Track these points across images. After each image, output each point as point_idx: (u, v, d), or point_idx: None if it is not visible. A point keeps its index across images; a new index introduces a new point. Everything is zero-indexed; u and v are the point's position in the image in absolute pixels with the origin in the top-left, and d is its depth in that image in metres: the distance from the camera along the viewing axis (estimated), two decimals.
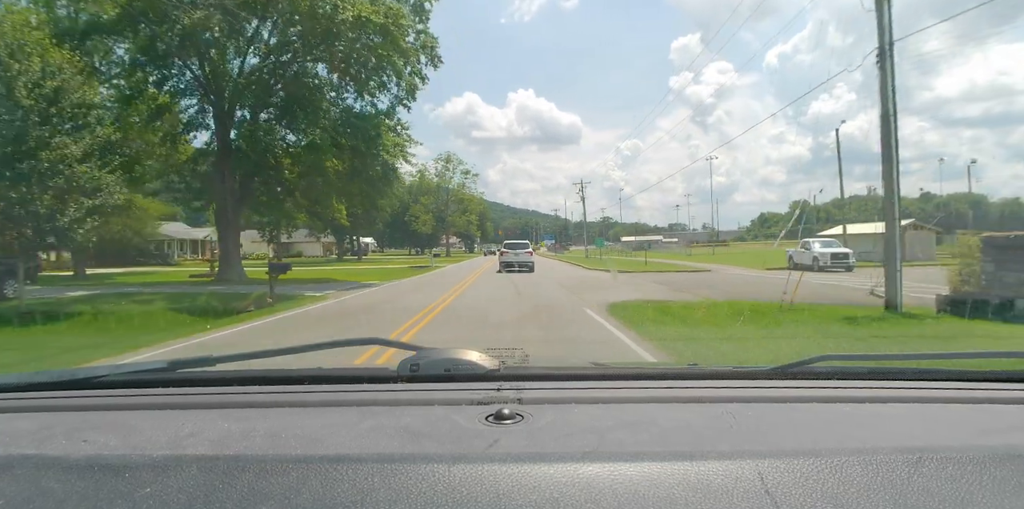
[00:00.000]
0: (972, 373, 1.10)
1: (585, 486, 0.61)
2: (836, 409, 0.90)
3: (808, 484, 0.61)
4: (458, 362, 1.06)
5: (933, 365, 1.19)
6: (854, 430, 0.79)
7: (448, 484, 0.62)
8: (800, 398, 0.94)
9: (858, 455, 0.66)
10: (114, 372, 1.09)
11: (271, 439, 0.75)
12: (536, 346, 6.75)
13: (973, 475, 0.63)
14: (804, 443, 0.73)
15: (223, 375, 1.15)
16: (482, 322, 9.56)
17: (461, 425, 0.80)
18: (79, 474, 0.66)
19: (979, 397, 0.96)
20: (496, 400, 0.91)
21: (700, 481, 0.62)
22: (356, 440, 0.75)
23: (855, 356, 2.19)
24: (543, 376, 1.09)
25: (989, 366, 1.16)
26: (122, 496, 0.62)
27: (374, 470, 0.64)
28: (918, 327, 8.31)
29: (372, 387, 1.05)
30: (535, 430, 0.78)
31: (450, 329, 8.80)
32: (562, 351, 6.66)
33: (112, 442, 0.76)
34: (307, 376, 1.10)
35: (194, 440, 0.76)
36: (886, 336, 7.49)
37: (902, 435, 0.77)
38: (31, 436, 0.79)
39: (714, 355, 6.32)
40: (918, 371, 1.12)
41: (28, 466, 0.68)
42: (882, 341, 7.10)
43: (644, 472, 0.64)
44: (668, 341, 7.12)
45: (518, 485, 0.61)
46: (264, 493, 0.61)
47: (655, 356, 6.42)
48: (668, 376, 1.09)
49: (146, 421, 0.86)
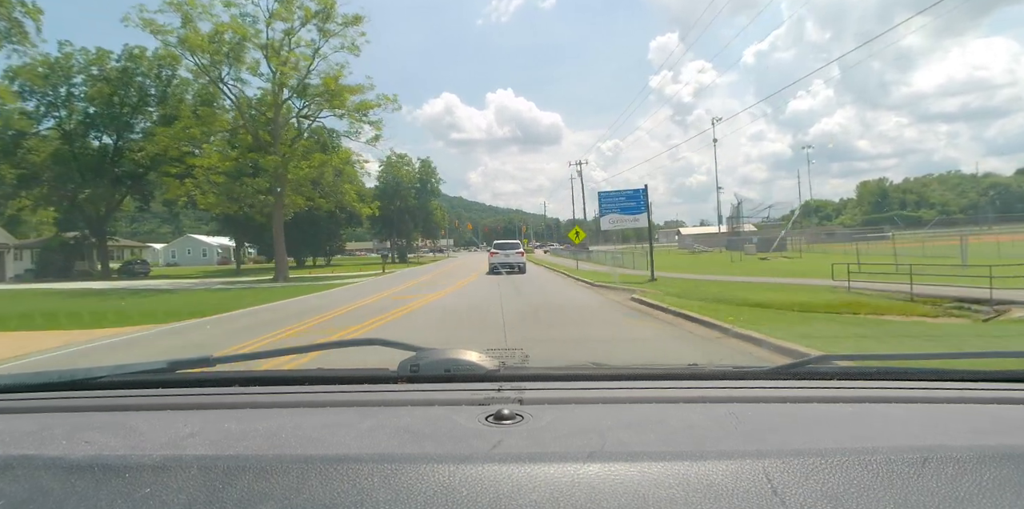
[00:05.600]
0: (976, 373, 1.10)
1: (587, 487, 0.61)
2: (839, 409, 0.90)
3: (815, 484, 0.61)
4: (458, 362, 1.06)
5: (936, 365, 1.18)
6: (858, 430, 0.79)
7: (448, 484, 0.61)
8: (803, 398, 0.94)
9: (863, 455, 0.66)
10: (114, 373, 1.09)
11: (271, 439, 0.75)
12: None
13: (977, 475, 0.62)
14: (809, 443, 0.73)
15: (223, 375, 1.15)
16: None
17: (461, 425, 0.80)
18: (79, 474, 0.66)
19: (984, 397, 0.95)
20: (496, 400, 0.90)
21: (704, 481, 0.61)
22: (356, 440, 0.75)
23: (856, 356, 2.13)
24: (543, 376, 1.08)
25: (994, 366, 1.15)
26: (122, 496, 0.62)
27: (374, 470, 0.64)
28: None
29: (372, 387, 1.04)
30: (536, 430, 0.77)
31: None
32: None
33: (112, 442, 0.76)
34: (307, 376, 1.11)
35: (194, 440, 0.76)
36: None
37: (906, 435, 0.77)
38: (31, 436, 0.79)
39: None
40: (920, 371, 1.11)
41: (28, 466, 0.68)
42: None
43: (647, 472, 0.63)
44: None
45: (519, 485, 0.61)
46: (264, 493, 0.61)
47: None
48: (669, 376, 1.09)
49: (146, 421, 0.85)
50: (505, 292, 14.70)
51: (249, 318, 11.59)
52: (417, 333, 8.33)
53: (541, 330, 8.28)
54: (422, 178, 63.69)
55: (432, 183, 65.19)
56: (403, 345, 1.15)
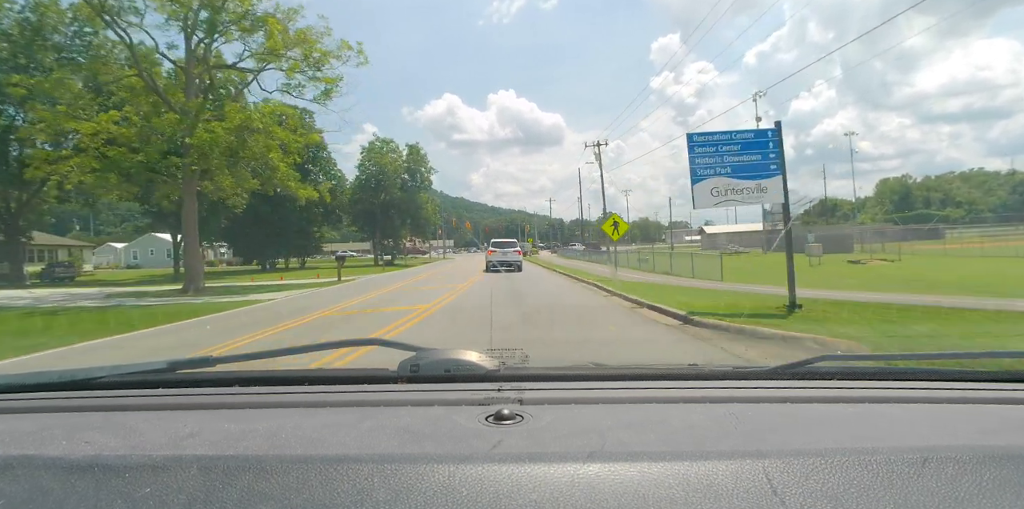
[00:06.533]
0: (976, 373, 1.09)
1: (587, 487, 0.61)
2: (839, 409, 0.89)
3: (815, 484, 0.61)
4: (458, 363, 1.05)
5: (936, 365, 1.17)
6: (858, 430, 0.79)
7: (448, 484, 0.61)
8: (803, 398, 0.93)
9: (863, 455, 0.66)
10: (113, 373, 1.09)
11: (271, 439, 0.75)
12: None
13: (978, 475, 0.62)
14: (809, 443, 0.72)
15: (223, 376, 1.14)
16: None
17: (461, 425, 0.79)
18: (79, 474, 0.66)
19: (984, 397, 0.95)
20: (496, 400, 0.90)
21: (704, 481, 0.61)
22: (356, 440, 0.75)
23: (856, 356, 2.19)
24: (543, 376, 1.08)
25: (994, 366, 1.14)
26: (122, 496, 0.62)
27: (374, 470, 0.64)
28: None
29: (372, 387, 1.04)
30: (536, 430, 0.77)
31: None
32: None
33: (112, 442, 0.76)
34: (307, 376, 1.10)
35: (194, 440, 0.75)
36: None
37: (906, 435, 0.76)
38: (31, 436, 0.79)
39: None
40: (920, 371, 1.11)
41: (28, 466, 0.68)
42: None
43: (647, 472, 0.63)
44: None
45: (519, 485, 0.61)
46: (264, 493, 0.61)
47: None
48: (669, 376, 1.08)
49: (146, 422, 0.85)
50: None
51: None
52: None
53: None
54: (410, 167, 53.63)
55: (422, 172, 54.69)
56: (403, 345, 1.15)
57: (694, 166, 8.96)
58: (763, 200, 9.21)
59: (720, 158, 8.94)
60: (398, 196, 51.28)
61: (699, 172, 8.94)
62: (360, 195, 50.50)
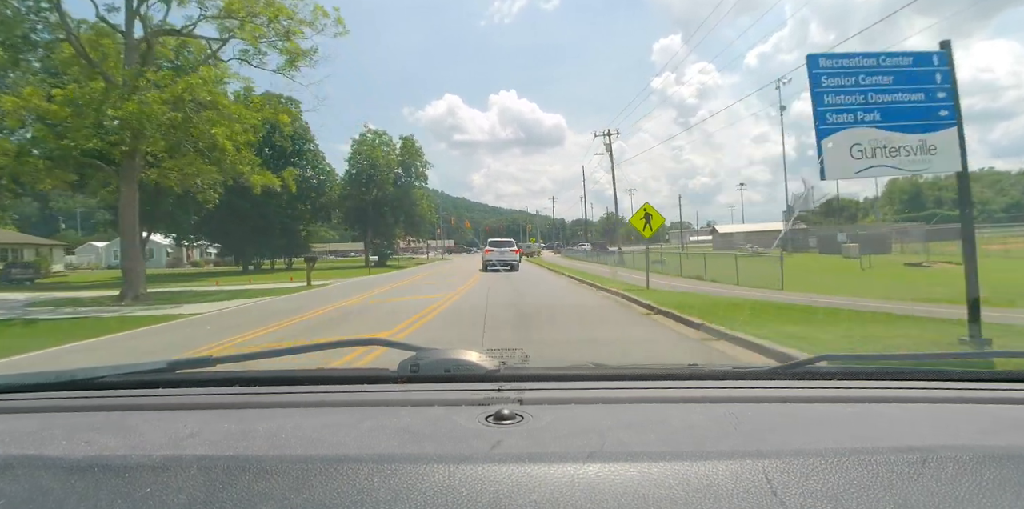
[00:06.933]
0: (976, 373, 1.08)
1: (587, 487, 0.61)
2: (839, 409, 0.89)
3: (814, 485, 0.61)
4: (458, 363, 1.04)
5: (936, 365, 1.16)
6: (858, 430, 0.78)
7: (448, 485, 0.61)
8: (802, 398, 0.93)
9: (863, 455, 0.66)
10: (114, 373, 1.08)
11: (271, 439, 0.75)
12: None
13: (977, 475, 0.62)
14: (809, 443, 0.72)
15: (223, 376, 1.14)
16: None
17: (461, 425, 0.79)
18: (79, 474, 0.66)
19: (984, 397, 0.94)
20: (496, 400, 0.90)
21: (704, 481, 0.61)
22: (356, 440, 0.74)
23: (855, 356, 2.14)
24: (543, 376, 1.07)
25: (994, 366, 1.11)
26: (122, 496, 0.62)
27: (374, 470, 0.64)
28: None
29: (372, 388, 1.03)
30: (536, 430, 0.77)
31: None
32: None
33: (112, 442, 0.75)
34: (307, 376, 1.10)
35: (194, 440, 0.75)
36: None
37: (906, 435, 0.76)
38: (31, 436, 0.78)
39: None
40: (920, 371, 1.10)
41: (28, 466, 0.68)
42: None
43: (647, 472, 0.63)
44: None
45: (519, 485, 0.61)
46: (264, 493, 0.61)
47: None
48: (669, 376, 1.07)
49: (146, 421, 0.85)
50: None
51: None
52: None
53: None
54: (404, 161, 48.53)
55: (417, 167, 49.50)
56: (403, 345, 1.14)
57: (821, 108, 5.28)
58: (929, 168, 5.40)
59: (864, 96, 5.30)
60: (391, 192, 46.89)
61: (829, 117, 5.26)
62: (350, 191, 46.48)
